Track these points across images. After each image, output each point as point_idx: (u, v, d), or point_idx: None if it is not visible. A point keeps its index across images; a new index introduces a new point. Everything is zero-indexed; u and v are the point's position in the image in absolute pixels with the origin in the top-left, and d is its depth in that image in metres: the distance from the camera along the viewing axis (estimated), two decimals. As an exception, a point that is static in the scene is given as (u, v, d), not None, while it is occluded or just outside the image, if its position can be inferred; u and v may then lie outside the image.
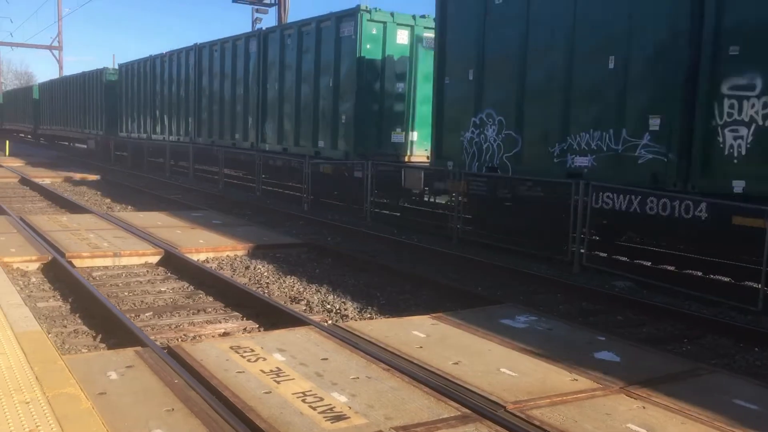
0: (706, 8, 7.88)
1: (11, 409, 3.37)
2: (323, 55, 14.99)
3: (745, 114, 7.61)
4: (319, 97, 15.23)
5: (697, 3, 7.97)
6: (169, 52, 23.45)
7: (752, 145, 7.55)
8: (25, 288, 7.51)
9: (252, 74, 17.92)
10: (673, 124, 8.29)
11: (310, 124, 15.55)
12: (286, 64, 16.46)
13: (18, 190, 19.05)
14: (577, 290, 8.11)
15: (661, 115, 8.40)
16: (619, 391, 4.47)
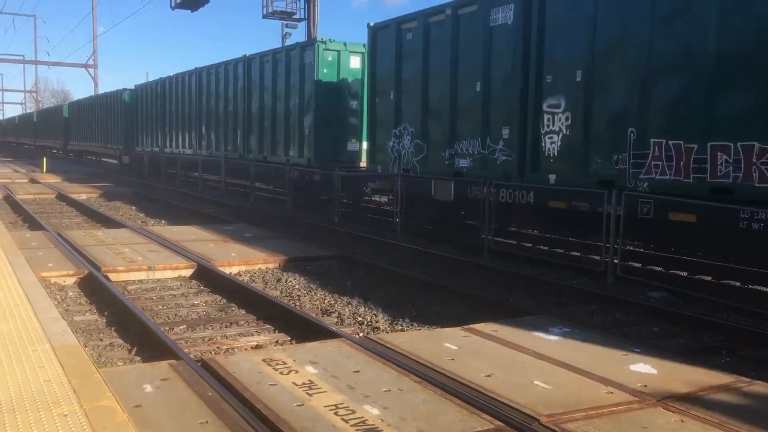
0: (531, 48, 10.63)
1: (50, 422, 3.42)
2: (291, 78, 17.69)
3: (556, 126, 10.25)
4: (289, 114, 17.86)
5: (526, 43, 10.70)
6: (175, 75, 26.35)
7: (560, 149, 10.27)
8: (63, 302, 7.65)
9: (240, 94, 20.61)
10: (516, 133, 10.96)
11: (283, 137, 18.20)
12: (265, 86, 19.17)
13: (55, 205, 19.45)
14: (612, 301, 8.00)
15: (510, 126, 11.09)
16: (656, 404, 4.39)
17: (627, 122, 9.19)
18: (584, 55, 9.75)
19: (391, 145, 13.95)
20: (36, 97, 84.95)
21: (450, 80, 12.19)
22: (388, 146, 14.01)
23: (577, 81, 9.89)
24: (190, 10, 30.38)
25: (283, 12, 28.25)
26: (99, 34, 55.24)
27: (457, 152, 12.17)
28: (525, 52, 10.68)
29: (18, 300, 5.89)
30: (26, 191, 22.31)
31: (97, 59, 51.41)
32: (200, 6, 29.69)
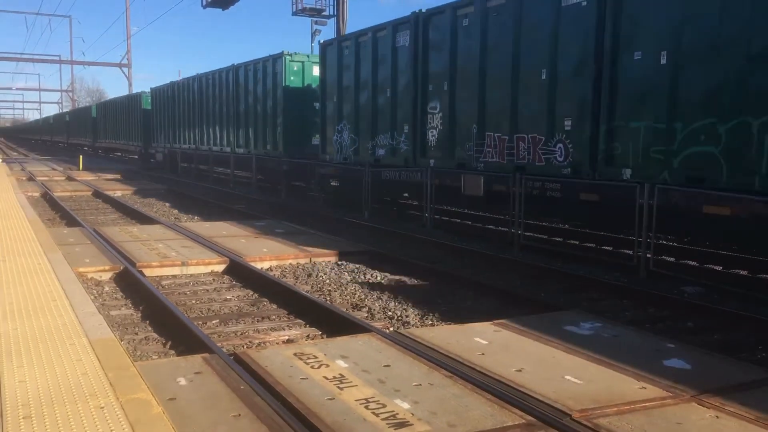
0: (418, 65, 13.71)
1: (87, 414, 3.50)
2: (267, 85, 20.83)
3: (434, 123, 13.45)
4: (266, 114, 20.95)
5: (415, 61, 13.78)
6: (181, 80, 29.54)
7: (437, 140, 13.43)
8: (99, 297, 7.80)
9: (231, 97, 23.70)
10: (411, 129, 14.04)
11: (261, 133, 21.42)
12: (249, 90, 22.18)
13: (91, 202, 19.82)
14: (644, 296, 7.90)
15: (407, 123, 14.20)
16: (690, 399, 4.33)
17: (472, 121, 12.32)
18: (449, 72, 12.86)
19: (335, 138, 17.15)
20: (72, 96, 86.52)
21: (371, 88, 15.43)
22: (334, 139, 17.20)
23: (445, 90, 13.03)
24: (221, 8, 30.65)
25: (313, 9, 28.36)
26: (132, 33, 56.21)
27: (377, 144, 15.43)
28: (415, 68, 13.88)
29: (56, 295, 6.02)
30: (63, 188, 22.77)
31: (130, 58, 52.23)
32: (231, 4, 29.97)
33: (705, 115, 8.34)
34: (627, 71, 9.35)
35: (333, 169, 17.24)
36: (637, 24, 9.20)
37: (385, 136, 14.98)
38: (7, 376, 4.02)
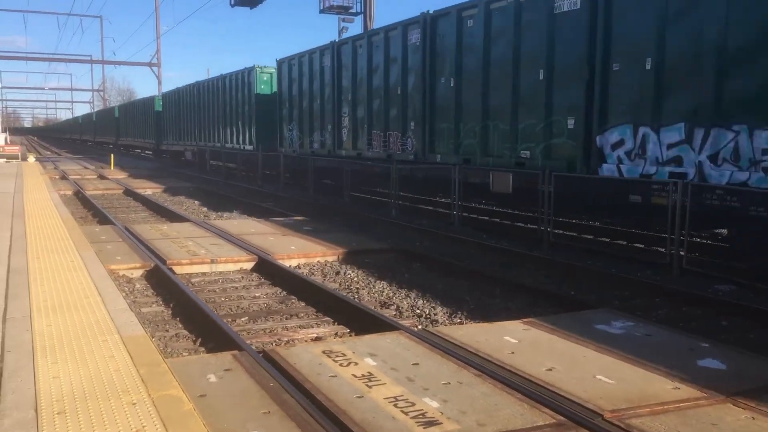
0: (335, 77, 18.48)
1: (120, 410, 3.54)
2: (245, 92, 25.35)
3: (346, 124, 18.09)
4: (244, 116, 25.54)
5: (332, 75, 18.71)
6: (189, 85, 33.29)
7: (347, 137, 17.99)
8: (130, 294, 7.90)
9: (220, 102, 28.32)
10: (332, 127, 18.69)
11: (241, 131, 25.96)
12: (231, 96, 26.77)
13: (123, 200, 20.10)
14: (677, 294, 7.77)
15: (332, 123, 18.80)
16: (725, 400, 4.25)
17: (365, 122, 17.08)
18: (351, 85, 17.64)
19: (287, 135, 22.12)
20: (103, 95, 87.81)
21: (309, 98, 20.31)
22: (286, 136, 22.20)
23: (350, 100, 17.78)
24: (249, 6, 30.84)
25: (340, 6, 28.40)
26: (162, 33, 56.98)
27: (313, 140, 20.21)
28: (332, 81, 18.65)
29: (89, 292, 6.11)
30: (95, 187, 23.12)
31: (160, 58, 52.75)
32: (258, 3, 30.15)
33: (472, 120, 13.16)
34: (436, 92, 14.27)
35: (285, 159, 22.28)
36: (444, 58, 14.09)
37: (320, 132, 19.72)
38: (42, 372, 4.09)
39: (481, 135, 12.81)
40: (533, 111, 11.51)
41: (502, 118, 12.33)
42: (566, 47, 10.81)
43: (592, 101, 10.37)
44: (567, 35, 10.77)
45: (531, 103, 11.60)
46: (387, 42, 15.89)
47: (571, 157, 10.88)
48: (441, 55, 14.04)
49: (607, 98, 10.18)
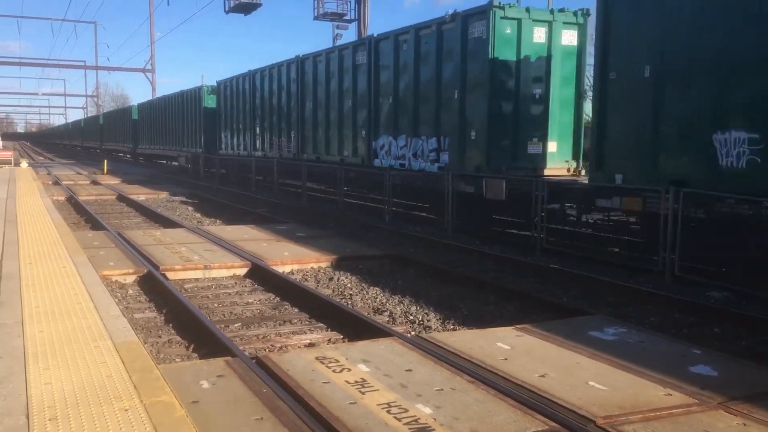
0: (251, 100, 25.04)
1: (112, 416, 3.53)
2: (196, 106, 30.92)
3: (258, 131, 24.51)
4: (196, 125, 31.46)
5: (253, 99, 25.03)
6: (158, 98, 38.93)
7: (259, 141, 24.46)
8: (123, 300, 7.88)
9: (179, 113, 33.42)
10: (250, 135, 25.08)
11: (194, 137, 32.08)
12: (187, 109, 32.43)
13: (116, 206, 20.04)
14: (670, 301, 7.80)
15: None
16: (717, 407, 4.26)
17: (267, 132, 23.23)
18: (261, 103, 23.89)
19: (223, 140, 28.34)
20: (97, 101, 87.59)
21: (237, 112, 26.31)
22: (223, 141, 28.35)
23: (259, 114, 24.18)
24: (244, 13, 30.88)
25: (334, 13, 28.46)
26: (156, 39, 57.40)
27: (239, 144, 26.37)
28: (251, 100, 24.89)
29: (81, 298, 6.09)
30: (88, 192, 23.05)
31: (154, 64, 52.79)
32: (253, 10, 30.20)
33: (350, 129, 18.22)
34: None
35: (220, 159, 27.71)
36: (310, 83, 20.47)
37: (241, 138, 26.13)
38: (34, 378, 4.07)
39: (313, 139, 20.52)
40: (347, 126, 18.29)
41: (334, 128, 19.04)
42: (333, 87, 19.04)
43: (371, 120, 17.08)
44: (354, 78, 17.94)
45: (346, 121, 18.40)
46: (279, 73, 22.42)
47: (364, 155, 17.50)
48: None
49: (378, 119, 16.84)
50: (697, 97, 8.84)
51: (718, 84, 8.55)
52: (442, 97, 14.13)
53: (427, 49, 14.42)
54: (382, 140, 16.44)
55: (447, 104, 14.00)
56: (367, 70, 16.75)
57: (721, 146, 8.57)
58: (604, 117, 10.32)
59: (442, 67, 13.95)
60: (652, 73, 9.44)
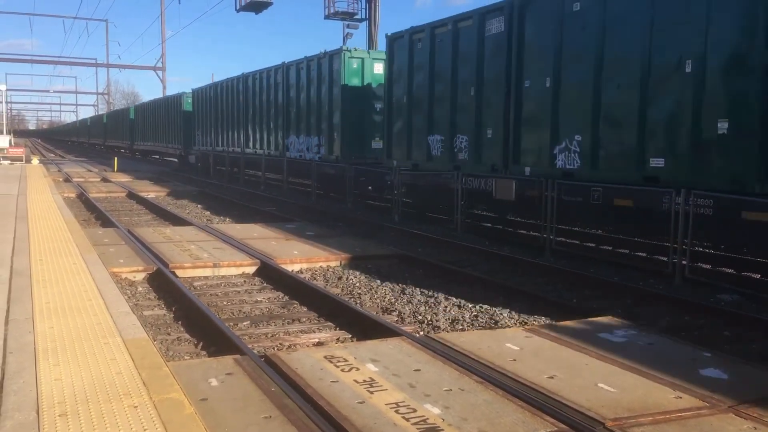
0: (221, 106, 29.64)
1: (121, 413, 3.55)
2: (178, 110, 36.10)
3: (228, 132, 28.96)
4: (178, 125, 36.66)
5: (222, 105, 29.72)
6: (150, 101, 44.28)
7: (225, 139, 28.94)
8: (133, 297, 7.91)
9: (164, 115, 39.21)
10: (220, 134, 29.51)
11: (176, 136, 37.10)
12: (170, 111, 37.56)
13: (126, 203, 20.14)
14: (680, 303, 7.76)
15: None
16: (727, 410, 4.24)
17: (235, 132, 27.51)
18: (235, 109, 27.46)
19: (197, 139, 32.61)
20: (108, 99, 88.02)
21: (209, 115, 30.30)
22: (197, 140, 32.82)
23: (234, 117, 27.45)
24: (255, 12, 30.94)
25: (345, 13, 28.48)
26: (167, 37, 58.08)
27: (210, 141, 30.60)
28: (216, 105, 29.51)
29: (91, 295, 6.12)
30: (98, 190, 23.17)
31: (165, 62, 53.01)
32: (264, 8, 30.24)
33: (272, 129, 23.61)
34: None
35: (196, 154, 33.12)
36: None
37: (212, 137, 30.42)
38: (44, 374, 4.09)
39: (252, 137, 25.95)
40: (271, 127, 23.97)
41: (264, 128, 24.82)
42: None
43: (284, 124, 22.96)
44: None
45: (271, 124, 24.01)
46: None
47: (281, 149, 23.16)
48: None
49: (289, 123, 22.37)
50: (421, 118, 15.02)
51: (429, 109, 14.73)
52: (321, 110, 19.97)
53: (312, 76, 20.48)
54: (291, 138, 22.13)
55: (323, 115, 19.93)
56: (284, 87, 22.51)
57: (431, 144, 14.71)
58: (390, 124, 16.62)
59: (321, 89, 20.01)
60: (407, 99, 15.60)
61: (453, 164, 13.82)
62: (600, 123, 10.50)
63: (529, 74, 11.92)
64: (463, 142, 13.65)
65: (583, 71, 10.72)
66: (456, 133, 13.84)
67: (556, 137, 11.31)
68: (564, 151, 11.18)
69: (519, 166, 12.17)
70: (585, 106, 10.67)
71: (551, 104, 11.33)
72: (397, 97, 16.00)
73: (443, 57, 14.04)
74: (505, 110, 12.41)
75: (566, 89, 11.11)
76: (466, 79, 13.44)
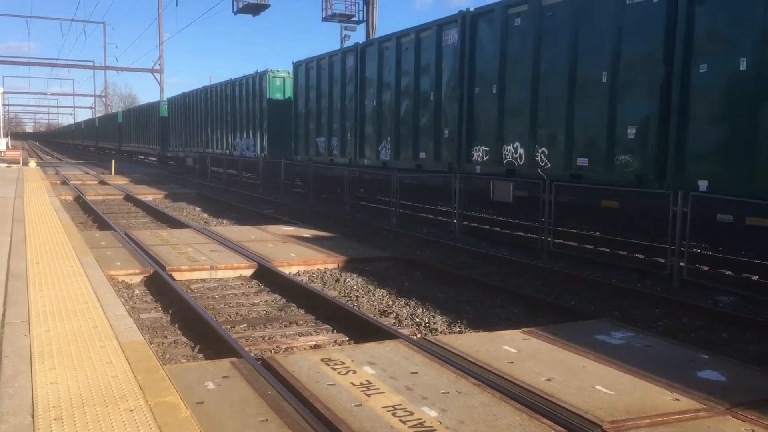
0: (188, 113, 35.22)
1: (117, 417, 3.53)
2: (155, 115, 40.29)
3: (207, 135, 32.03)
4: (156, 130, 41.03)
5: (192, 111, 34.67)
6: (135, 107, 48.94)
7: (206, 142, 31.95)
8: (129, 300, 7.89)
9: (145, 120, 43.50)
10: (196, 139, 33.37)
11: (155, 139, 40.26)
12: (150, 117, 41.91)
13: (123, 206, 20.10)
14: (677, 305, 7.76)
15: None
16: (725, 412, 4.23)
17: (213, 136, 30.89)
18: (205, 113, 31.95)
19: (172, 141, 36.77)
20: (106, 101, 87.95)
21: (183, 120, 34.46)
22: (171, 142, 36.96)
23: (208, 122, 31.27)
24: (252, 14, 30.94)
25: (342, 15, 28.48)
26: (165, 39, 58.20)
27: (184, 144, 34.35)
28: (186, 112, 34.68)
29: (88, 298, 6.10)
30: (96, 192, 23.13)
31: (162, 64, 52.92)
32: (261, 11, 30.26)
33: (224, 133, 29.37)
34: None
35: (171, 157, 37.65)
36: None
37: (185, 140, 34.83)
38: (39, 377, 4.07)
39: (211, 139, 30.97)
40: (225, 130, 29.25)
41: (220, 132, 29.90)
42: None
43: (234, 127, 28.02)
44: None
45: (224, 128, 29.38)
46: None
47: (231, 148, 27.88)
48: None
49: (236, 126, 27.47)
50: (313, 124, 20.30)
51: (317, 118, 19.92)
52: (253, 118, 25.41)
53: (244, 92, 26.30)
54: (238, 140, 27.06)
55: (255, 123, 25.24)
56: (232, 99, 27.70)
57: (319, 144, 19.97)
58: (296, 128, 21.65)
59: (250, 102, 25.66)
60: (305, 110, 20.65)
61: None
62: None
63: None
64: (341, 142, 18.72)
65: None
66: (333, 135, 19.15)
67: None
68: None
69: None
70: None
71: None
72: (299, 109, 21.07)
73: (324, 80, 19.35)
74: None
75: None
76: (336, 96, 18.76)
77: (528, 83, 11.54)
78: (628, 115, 9.77)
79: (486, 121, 12.69)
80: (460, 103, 13.26)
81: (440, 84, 13.97)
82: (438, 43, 13.93)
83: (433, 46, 14.08)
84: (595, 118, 10.30)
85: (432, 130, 14.23)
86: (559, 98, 10.93)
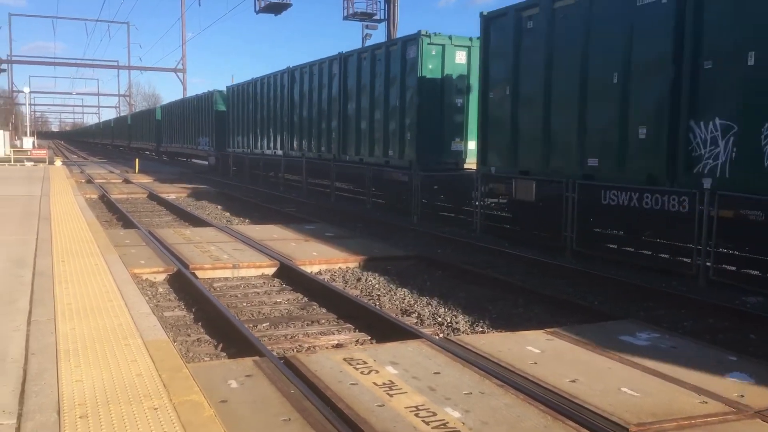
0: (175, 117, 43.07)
1: (141, 415, 3.55)
2: (152, 119, 50.58)
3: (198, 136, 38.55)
4: (154, 129, 49.42)
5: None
6: (143, 110, 53.21)
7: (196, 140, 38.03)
8: (153, 298, 7.95)
9: (147, 121, 52.22)
10: (184, 138, 40.66)
11: (152, 137, 50.16)
12: (149, 119, 51.01)
13: (146, 205, 20.28)
14: (704, 306, 7.64)
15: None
16: (753, 415, 4.15)
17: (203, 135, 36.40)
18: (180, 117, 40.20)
19: (163, 141, 46.04)
20: (129, 100, 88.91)
21: (174, 123, 43.08)
22: (163, 141, 46.45)
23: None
24: (274, 13, 31.08)
25: (364, 13, 28.51)
26: (188, 39, 58.77)
27: (175, 142, 42.02)
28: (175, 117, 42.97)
29: (112, 296, 6.15)
30: (120, 191, 23.37)
31: (185, 63, 53.42)
32: (283, 10, 30.38)
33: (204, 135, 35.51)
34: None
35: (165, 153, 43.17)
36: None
37: (175, 138, 42.12)
38: (65, 375, 4.11)
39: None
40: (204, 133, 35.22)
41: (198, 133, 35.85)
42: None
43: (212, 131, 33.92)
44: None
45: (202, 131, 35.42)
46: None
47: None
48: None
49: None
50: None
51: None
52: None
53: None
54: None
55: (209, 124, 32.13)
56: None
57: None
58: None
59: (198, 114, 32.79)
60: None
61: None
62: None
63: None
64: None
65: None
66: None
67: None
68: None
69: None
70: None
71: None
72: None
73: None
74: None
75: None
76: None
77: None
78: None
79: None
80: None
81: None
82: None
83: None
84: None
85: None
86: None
